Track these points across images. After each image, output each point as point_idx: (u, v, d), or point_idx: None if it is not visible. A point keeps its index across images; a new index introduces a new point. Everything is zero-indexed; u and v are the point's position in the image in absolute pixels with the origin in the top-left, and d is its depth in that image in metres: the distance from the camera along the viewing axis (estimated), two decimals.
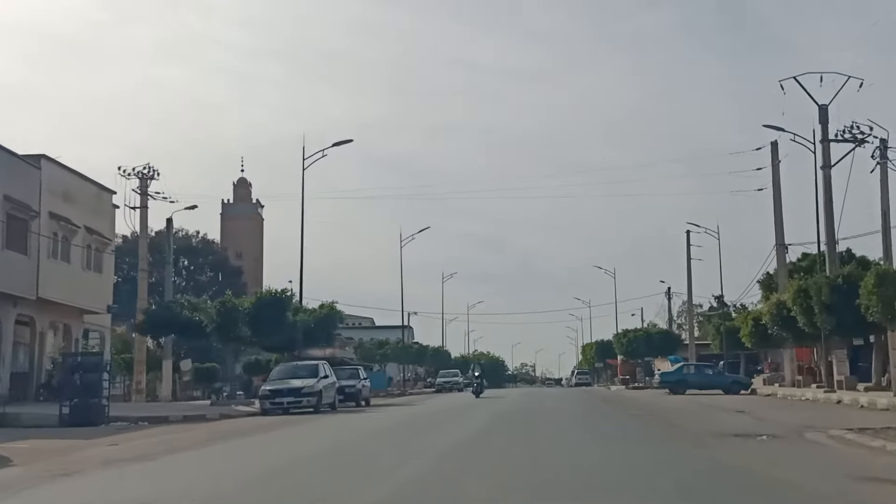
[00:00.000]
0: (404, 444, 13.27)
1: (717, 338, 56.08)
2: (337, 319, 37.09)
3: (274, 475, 9.96)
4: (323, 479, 9.80)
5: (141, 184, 43.35)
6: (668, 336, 61.21)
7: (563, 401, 33.97)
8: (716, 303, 75.50)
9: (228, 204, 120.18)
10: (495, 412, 22.03)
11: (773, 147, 45.14)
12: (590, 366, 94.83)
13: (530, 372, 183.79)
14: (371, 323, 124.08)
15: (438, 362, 72.38)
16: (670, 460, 11.22)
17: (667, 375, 43.36)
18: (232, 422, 22.59)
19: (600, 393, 49.64)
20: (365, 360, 54.91)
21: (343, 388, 31.06)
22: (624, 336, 61.77)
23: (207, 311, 30.34)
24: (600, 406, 28.52)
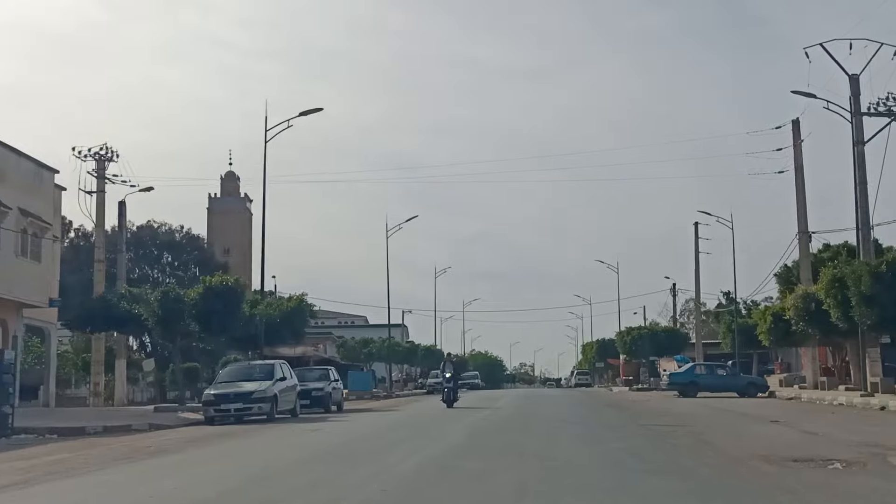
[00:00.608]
0: (324, 483, 9.24)
1: (727, 336, 52.01)
2: (307, 314, 32.94)
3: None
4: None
5: (98, 166, 39.35)
6: (675, 334, 57.13)
7: (562, 406, 29.93)
8: (724, 300, 71.50)
9: (215, 198, 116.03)
10: (472, 427, 17.83)
11: (794, 126, 41.17)
12: (590, 366, 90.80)
13: (529, 372, 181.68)
14: (364, 321, 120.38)
15: (431, 362, 68.24)
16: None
17: (676, 376, 39.33)
18: (157, 435, 18.53)
19: (602, 395, 45.58)
20: (349, 359, 50.92)
21: (309, 391, 27.02)
22: (627, 334, 57.67)
23: (149, 303, 26.23)
24: (606, 413, 24.45)
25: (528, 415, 22.99)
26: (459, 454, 12.17)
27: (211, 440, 16.36)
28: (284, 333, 31.50)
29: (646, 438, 15.06)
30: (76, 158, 37.56)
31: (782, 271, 48.12)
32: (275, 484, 9.31)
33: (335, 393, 28.88)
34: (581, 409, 27.49)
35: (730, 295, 72.28)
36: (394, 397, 48.51)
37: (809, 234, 40.19)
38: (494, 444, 13.94)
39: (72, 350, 46.18)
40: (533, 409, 27.10)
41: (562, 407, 28.93)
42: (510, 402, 32.56)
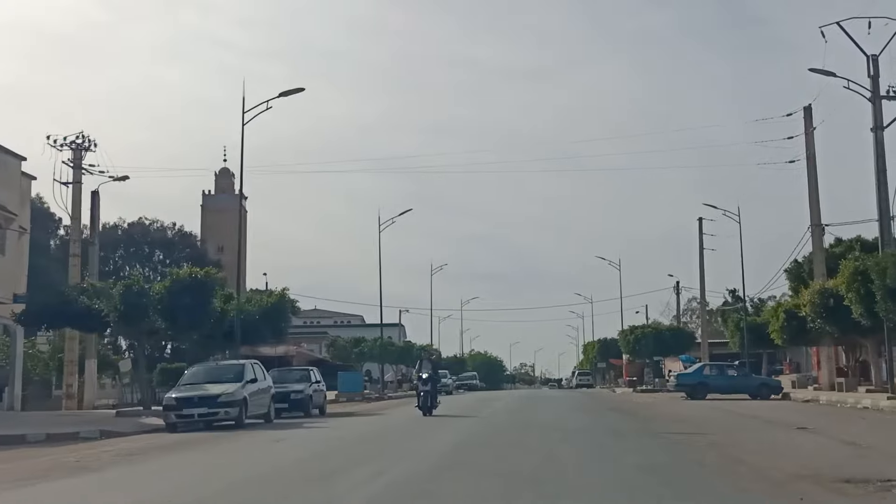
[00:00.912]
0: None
1: (735, 335, 49.82)
2: (288, 310, 30.65)
3: None
4: None
5: (74, 155, 37.15)
6: (680, 333, 54.87)
7: (563, 410, 27.72)
8: (730, 297, 69.27)
9: (209, 195, 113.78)
10: (458, 440, 15.52)
11: (806, 113, 38.92)
12: (591, 366, 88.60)
13: (529, 372, 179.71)
14: (361, 321, 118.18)
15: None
16: None
17: (684, 377, 37.10)
18: (101, 445, 16.31)
19: (606, 397, 43.36)
20: (340, 359, 48.74)
21: (287, 394, 24.80)
22: (630, 333, 55.41)
23: (111, 296, 23.96)
24: (612, 419, 22.22)
25: (524, 423, 20.74)
26: (434, 476, 9.95)
27: (150, 453, 14.16)
28: (264, 331, 29.27)
29: (664, 452, 12.85)
30: (51, 147, 35.43)
31: (793, 267, 45.96)
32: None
33: (317, 395, 26.66)
34: (584, 414, 25.28)
35: (735, 293, 70.13)
36: (385, 399, 46.30)
37: (823, 227, 37.94)
38: (479, 462, 11.69)
39: (50, 349, 43.94)
40: (530, 414, 24.88)
41: (563, 411, 26.73)
42: (506, 406, 30.36)
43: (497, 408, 28.70)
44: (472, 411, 26.24)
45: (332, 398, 46.78)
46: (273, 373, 25.80)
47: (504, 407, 29.77)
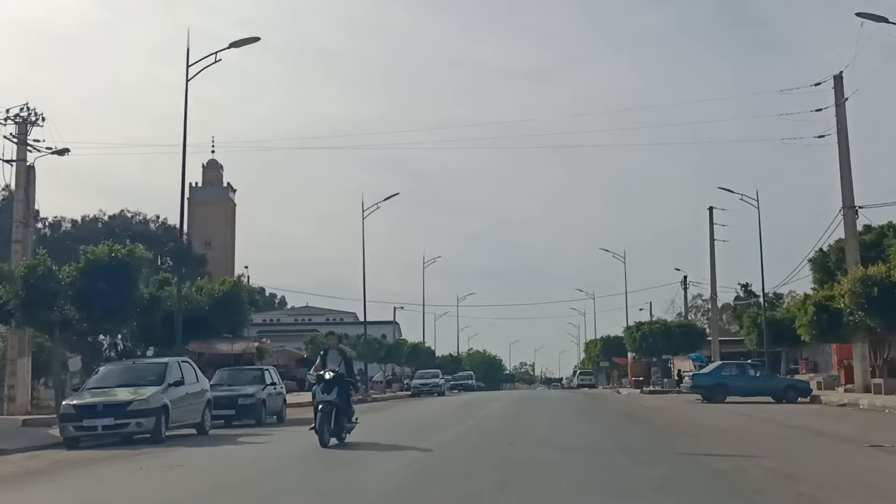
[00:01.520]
0: None
1: (752, 331, 45.73)
2: (244, 300, 26.48)
3: None
4: None
5: (18, 130, 33.07)
6: (690, 330, 50.71)
7: (563, 416, 23.63)
8: (742, 292, 65.23)
9: (196, 187, 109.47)
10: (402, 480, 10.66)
11: (836, 83, 34.77)
12: (593, 365, 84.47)
13: (529, 371, 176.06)
14: (354, 318, 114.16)
15: (418, 361, 62.01)
16: None
17: (701, 378, 32.93)
18: None
19: (611, 400, 39.20)
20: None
21: (234, 398, 20.74)
22: (637, 330, 51.22)
23: (13, 279, 19.84)
24: (624, 430, 18.10)
25: (513, 435, 16.61)
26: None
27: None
28: (217, 324, 25.14)
29: (708, 490, 8.72)
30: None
31: (818, 256, 41.87)
32: None
33: (272, 400, 22.55)
34: (589, 422, 21.18)
35: (748, 287, 66.18)
36: (370, 401, 42.19)
37: (856, 210, 33.77)
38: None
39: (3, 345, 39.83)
40: (524, 423, 20.77)
41: (563, 419, 22.62)
42: (496, 412, 26.22)
43: (488, 412, 24.40)
44: (430, 433, 17.51)
45: (307, 401, 42.76)
46: (221, 374, 21.77)
47: (493, 414, 25.54)
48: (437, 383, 52.13)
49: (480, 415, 24.64)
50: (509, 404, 32.30)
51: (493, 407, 30.23)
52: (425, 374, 53.99)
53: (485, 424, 20.23)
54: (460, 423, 20.53)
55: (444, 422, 21.83)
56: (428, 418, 24.47)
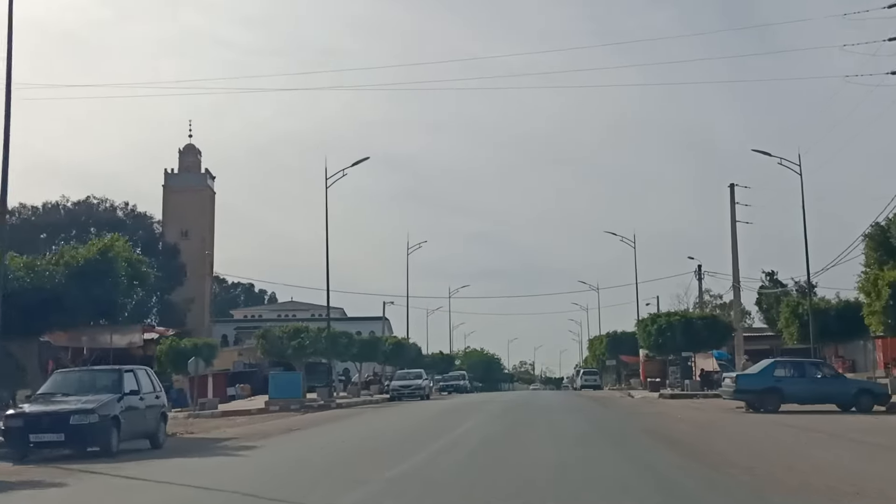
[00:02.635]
0: None
1: (792, 323, 38.44)
2: (118, 273, 19.01)
3: None
4: None
5: None
6: (716, 323, 43.33)
7: (571, 440, 16.34)
8: (767, 281, 57.87)
9: (172, 174, 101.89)
10: None
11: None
12: (598, 364, 77.13)
13: (529, 371, 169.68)
14: (341, 313, 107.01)
15: (400, 360, 54.69)
16: None
17: (749, 380, 25.47)
18: None
19: (625, 406, 31.80)
20: (273, 354, 37.47)
21: (60, 418, 13.50)
22: (652, 323, 43.83)
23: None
24: (676, 472, 10.75)
25: (485, 487, 9.32)
26: None
27: None
28: (78, 308, 17.88)
29: None
30: None
31: (874, 231, 34.73)
32: None
33: (137, 417, 15.18)
34: (611, 451, 13.86)
35: (774, 275, 58.86)
36: (333, 407, 34.92)
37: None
38: None
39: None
40: (512, 452, 13.45)
41: (571, 443, 15.35)
42: (476, 430, 18.95)
43: (452, 439, 16.94)
44: (342, 478, 11.04)
45: (261, 406, 35.60)
46: (56, 379, 14.65)
47: (470, 433, 18.16)
48: (420, 385, 44.86)
49: (452, 436, 17.29)
50: (498, 415, 24.97)
51: (477, 420, 22.94)
52: (406, 375, 46.71)
53: (447, 459, 12.86)
54: (413, 454, 13.18)
55: (390, 450, 14.50)
56: (372, 440, 17.26)
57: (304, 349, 35.90)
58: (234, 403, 40.55)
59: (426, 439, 16.34)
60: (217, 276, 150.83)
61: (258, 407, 34.75)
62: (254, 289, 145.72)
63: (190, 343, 40.52)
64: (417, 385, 44.98)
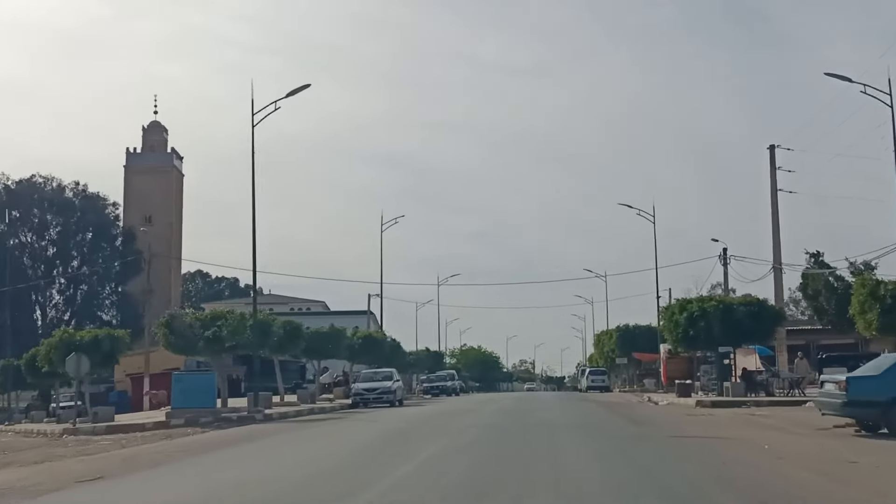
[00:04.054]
0: None
1: (872, 309, 29.15)
2: None
3: None
4: None
5: None
6: (763, 311, 33.91)
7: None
8: (812, 264, 48.59)
9: (135, 153, 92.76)
10: None
11: None
12: (607, 362, 67.96)
13: (529, 370, 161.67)
14: (323, 307, 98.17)
15: (374, 356, 45.57)
16: None
17: (865, 387, 16.11)
18: None
19: (666, 423, 22.34)
20: (180, 349, 28.27)
21: None
22: (681, 310, 34.53)
23: None
24: None
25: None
26: None
27: None
28: None
29: None
30: None
31: None
32: None
33: None
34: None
35: (819, 257, 49.61)
36: (259, 420, 25.74)
37: None
38: None
39: None
40: None
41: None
42: (431, 469, 9.98)
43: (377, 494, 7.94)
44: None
45: (161, 419, 26.46)
46: None
47: (420, 475, 9.21)
48: (388, 388, 35.73)
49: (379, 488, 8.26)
50: (472, 443, 15.68)
51: (440, 447, 13.87)
52: (374, 376, 37.57)
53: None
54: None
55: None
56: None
57: (220, 341, 26.66)
58: (139, 415, 31.83)
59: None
60: (199, 271, 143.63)
61: (158, 420, 25.69)
62: (239, 283, 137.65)
63: (89, 335, 31.53)
64: (386, 388, 35.84)
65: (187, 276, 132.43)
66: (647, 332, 59.87)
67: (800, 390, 32.78)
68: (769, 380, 34.58)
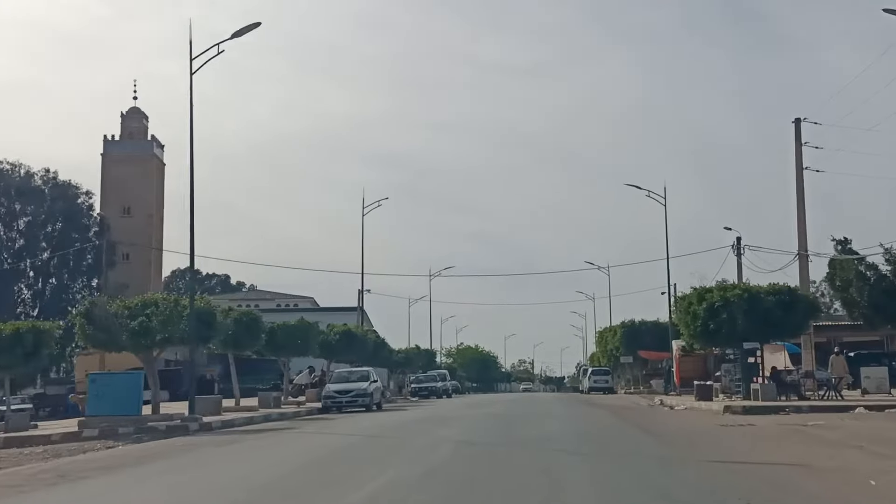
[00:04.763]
0: None
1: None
2: None
3: None
4: None
5: None
6: (795, 301, 29.22)
7: None
8: (840, 250, 43.96)
9: (113, 141, 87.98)
10: None
11: None
12: (610, 361, 63.39)
13: (528, 369, 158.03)
14: (312, 303, 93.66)
15: (355, 354, 41.00)
16: None
17: None
18: None
19: (704, 442, 17.59)
20: (99, 343, 23.64)
21: None
22: (699, 301, 29.86)
23: None
24: None
25: None
26: None
27: None
28: None
29: None
30: None
31: None
32: None
33: None
34: None
35: (847, 244, 44.95)
36: (193, 431, 21.12)
37: None
38: None
39: None
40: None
41: None
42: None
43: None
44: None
45: (74, 429, 21.89)
46: None
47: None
48: (363, 391, 31.14)
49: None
50: (441, 467, 11.06)
51: (389, 478, 9.29)
52: (348, 376, 32.96)
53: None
54: None
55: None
56: None
57: (149, 333, 21.96)
58: (59, 423, 27.36)
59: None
60: (190, 267, 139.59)
61: (69, 430, 21.05)
62: (230, 280, 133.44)
63: (10, 328, 26.83)
64: (361, 390, 31.24)
65: (177, 272, 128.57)
66: (655, 329, 55.51)
67: (837, 392, 28.27)
68: (801, 381, 30.06)
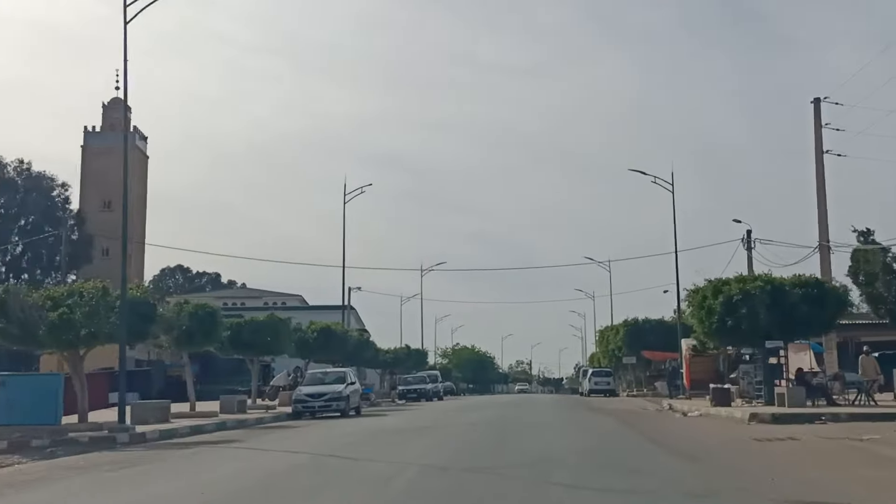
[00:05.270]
0: None
1: None
2: None
3: None
4: None
5: None
6: (824, 294, 25.84)
7: None
8: (862, 241, 40.64)
9: (93, 132, 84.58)
10: None
11: None
12: (612, 361, 60.08)
13: (526, 370, 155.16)
14: (301, 301, 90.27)
15: (336, 354, 37.71)
16: None
17: None
18: None
19: (736, 458, 14.52)
20: (13, 339, 20.32)
21: None
22: (715, 295, 26.45)
23: None
24: None
25: None
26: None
27: None
28: None
29: None
30: None
31: None
32: None
33: None
34: None
35: (870, 235, 41.63)
36: (121, 445, 17.78)
37: None
38: None
39: None
40: None
41: None
42: None
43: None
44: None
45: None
46: None
47: None
48: (338, 394, 27.80)
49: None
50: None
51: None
52: (323, 378, 29.63)
53: None
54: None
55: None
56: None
57: (70, 328, 18.66)
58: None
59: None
60: (180, 265, 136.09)
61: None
62: (221, 278, 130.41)
63: None
64: (335, 393, 27.92)
65: (167, 270, 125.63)
66: (659, 327, 52.25)
67: (870, 397, 25.06)
68: (829, 383, 26.82)
